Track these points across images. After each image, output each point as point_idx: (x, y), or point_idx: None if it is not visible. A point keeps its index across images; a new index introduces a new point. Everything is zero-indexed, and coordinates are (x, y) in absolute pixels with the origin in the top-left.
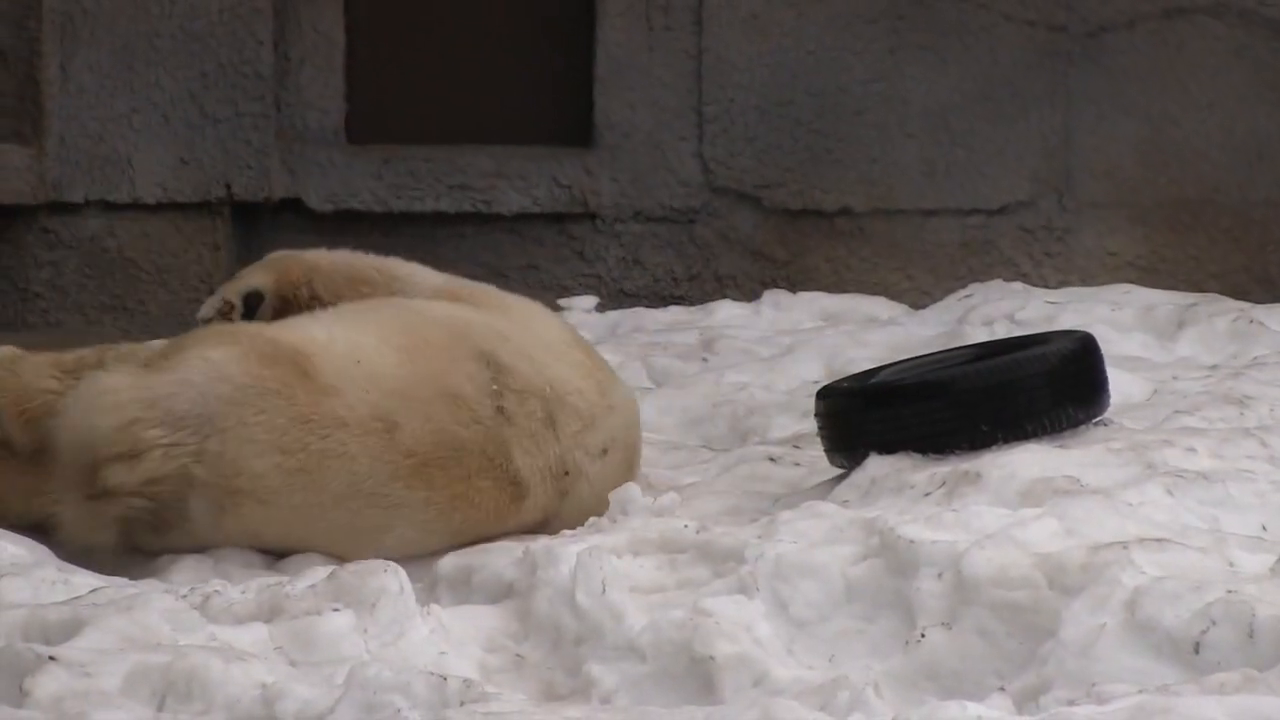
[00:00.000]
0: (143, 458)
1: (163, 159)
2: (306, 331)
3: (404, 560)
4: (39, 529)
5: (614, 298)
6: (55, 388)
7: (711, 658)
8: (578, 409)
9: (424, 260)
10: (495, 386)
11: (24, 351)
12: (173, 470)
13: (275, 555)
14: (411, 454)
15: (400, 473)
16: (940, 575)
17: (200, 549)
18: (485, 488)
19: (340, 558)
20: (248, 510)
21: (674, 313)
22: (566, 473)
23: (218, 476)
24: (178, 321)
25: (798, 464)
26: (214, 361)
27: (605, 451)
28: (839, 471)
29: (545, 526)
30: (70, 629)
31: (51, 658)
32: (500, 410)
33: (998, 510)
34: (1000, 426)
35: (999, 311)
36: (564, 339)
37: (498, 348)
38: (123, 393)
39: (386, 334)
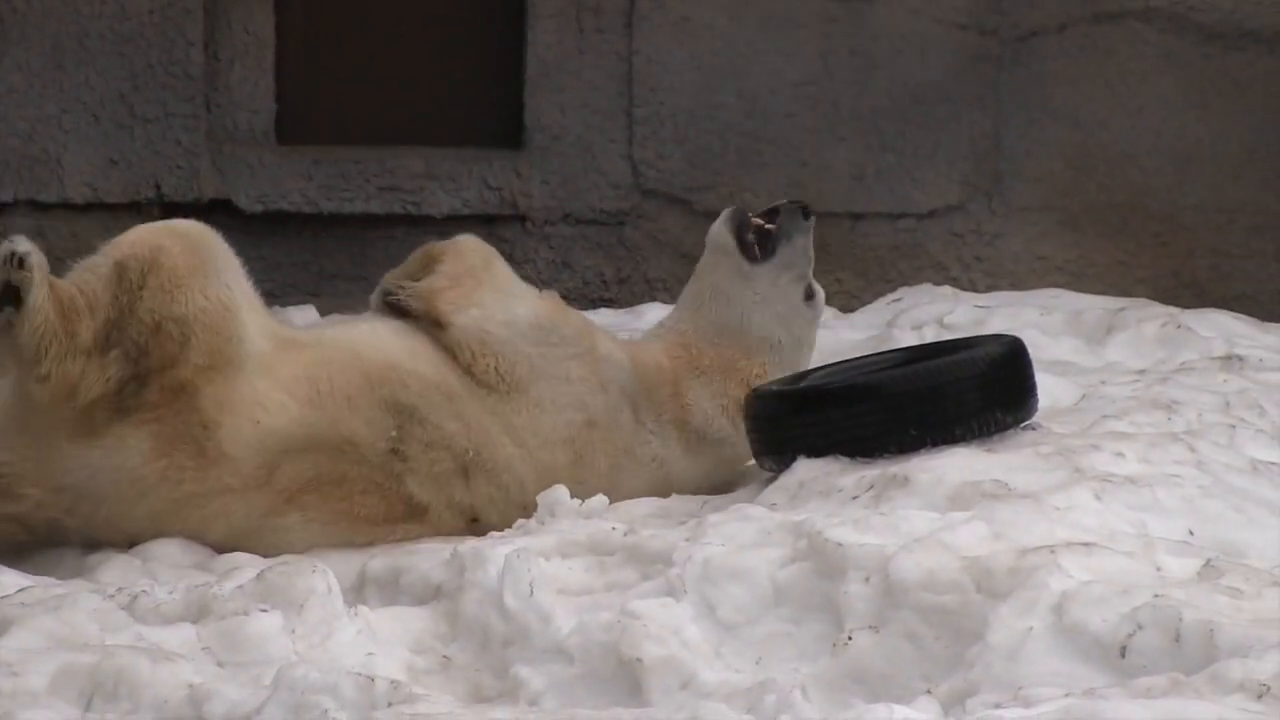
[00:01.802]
0: (12, 499)
1: (92, 159)
2: (229, 388)
3: (332, 561)
4: None
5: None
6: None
7: (639, 660)
8: (505, 486)
9: (354, 261)
10: (395, 433)
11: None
12: (42, 520)
13: (204, 555)
14: (285, 490)
15: (276, 507)
16: (868, 579)
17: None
18: (371, 503)
19: None
20: (123, 543)
21: (604, 315)
22: (476, 520)
23: (91, 530)
24: None
25: None
26: (121, 449)
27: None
28: (768, 474)
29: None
30: None
31: None
32: (394, 452)
33: (926, 514)
34: (929, 430)
35: (928, 315)
36: (563, 436)
37: (422, 403)
38: (24, 441)
39: (295, 383)
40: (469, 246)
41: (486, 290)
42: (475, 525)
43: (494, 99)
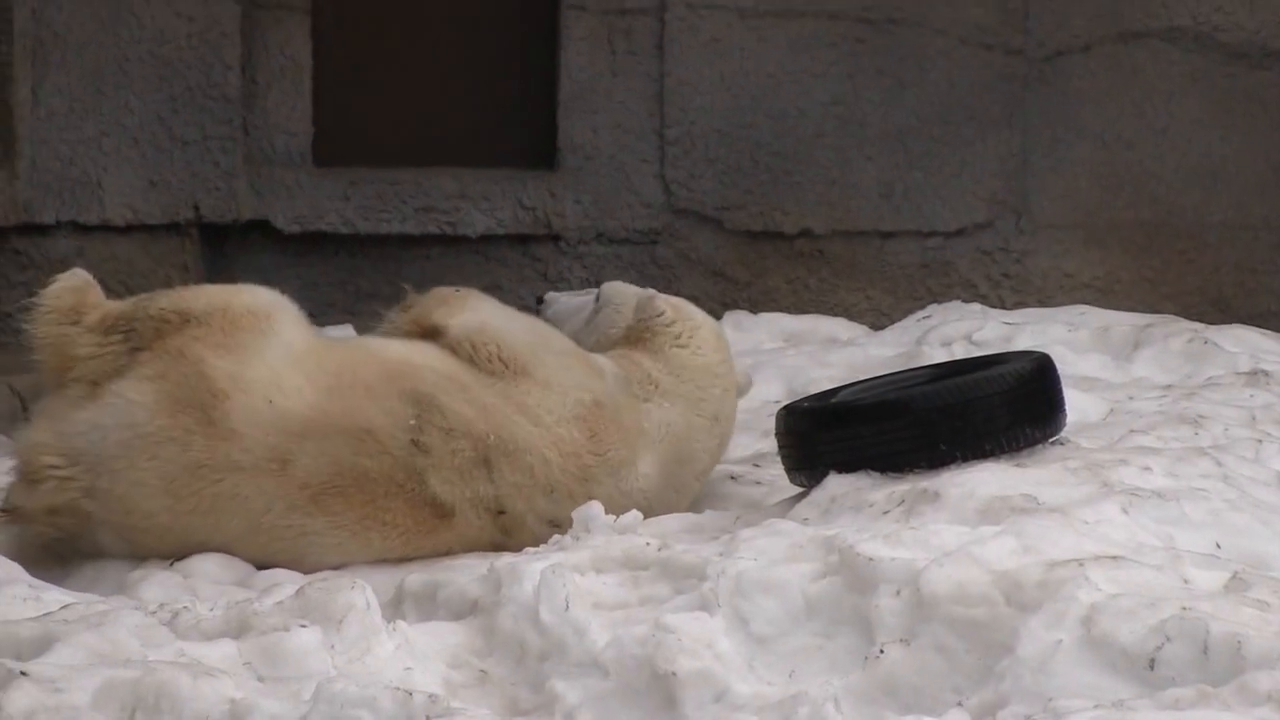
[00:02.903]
0: (40, 485)
1: (132, 181)
2: (244, 367)
3: (370, 577)
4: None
5: None
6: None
7: (673, 674)
8: (529, 467)
9: (390, 281)
10: (414, 422)
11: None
12: (65, 502)
13: (244, 571)
14: (306, 485)
15: (298, 504)
16: (899, 592)
17: (165, 564)
18: (396, 507)
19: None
20: (151, 544)
21: None
22: (503, 512)
23: (110, 513)
24: None
25: (758, 482)
26: (127, 404)
27: (554, 524)
28: (799, 490)
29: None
30: (41, 645)
31: (23, 673)
32: (415, 444)
33: (956, 528)
34: (959, 445)
35: (957, 332)
36: (574, 414)
37: (439, 392)
38: (44, 419)
39: (319, 373)
40: (445, 289)
41: (472, 300)
42: (502, 518)
43: (528, 120)
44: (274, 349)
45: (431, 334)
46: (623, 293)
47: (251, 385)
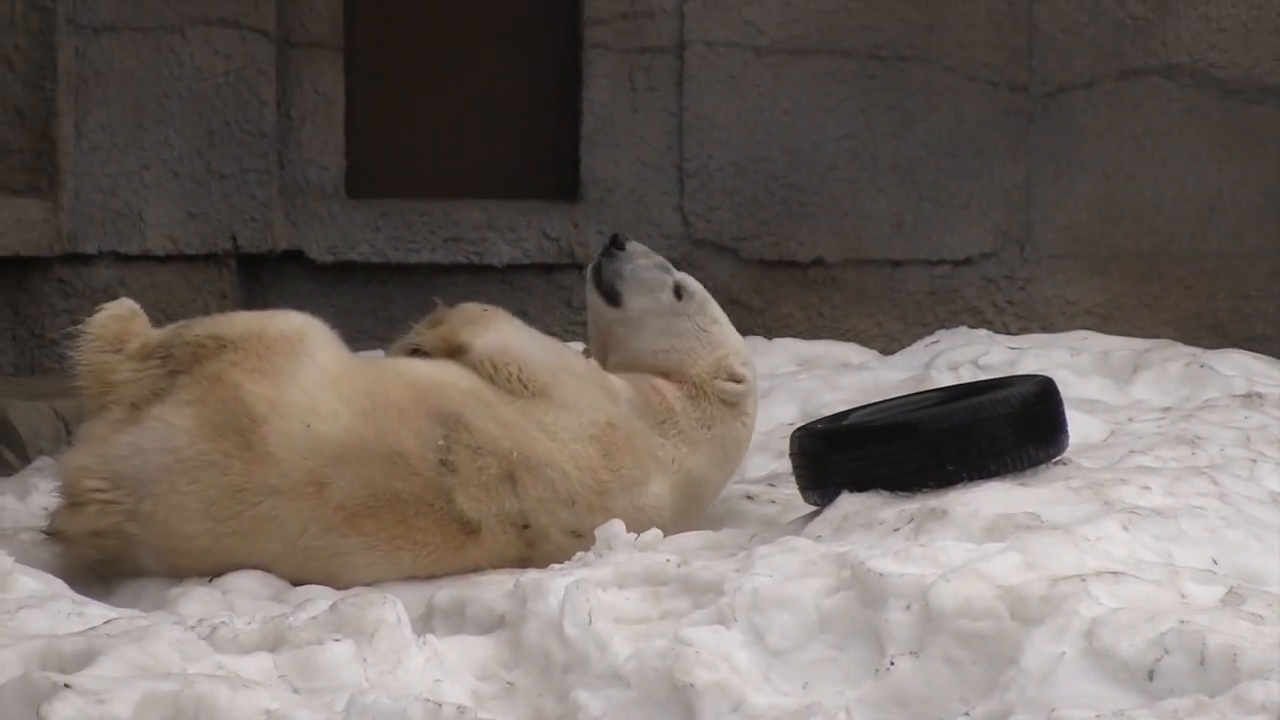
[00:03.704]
0: (83, 508)
1: (171, 213)
2: (280, 392)
3: (400, 593)
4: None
5: None
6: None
7: (692, 685)
8: (550, 482)
9: (419, 308)
10: (442, 442)
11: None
12: (108, 525)
13: (280, 587)
14: (341, 508)
15: (333, 525)
16: (908, 606)
17: (204, 580)
18: (426, 526)
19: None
20: (190, 565)
21: None
22: (527, 526)
23: (151, 536)
24: None
25: (773, 501)
26: (169, 428)
27: (576, 535)
28: (812, 508)
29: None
30: (85, 658)
31: (67, 685)
32: (444, 463)
33: (963, 545)
34: (965, 466)
35: (964, 357)
36: (589, 433)
37: (465, 410)
38: (86, 443)
39: (354, 396)
40: (474, 306)
41: (498, 321)
42: (527, 532)
43: (552, 154)
44: (308, 372)
45: (457, 351)
46: (709, 313)
47: (288, 410)
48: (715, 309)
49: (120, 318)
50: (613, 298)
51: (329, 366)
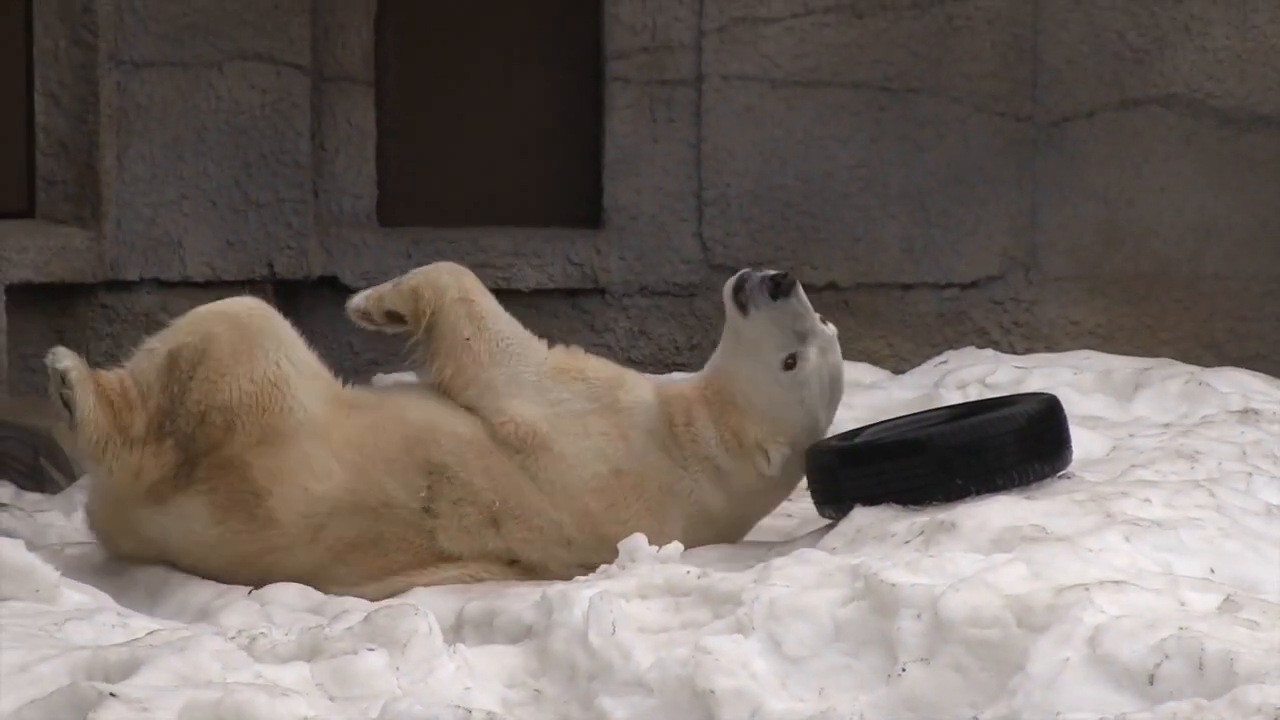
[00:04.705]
0: (118, 549)
1: (210, 241)
2: (278, 459)
3: (431, 603)
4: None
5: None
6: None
7: (712, 692)
8: (540, 528)
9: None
10: (424, 493)
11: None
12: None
13: (318, 599)
14: (331, 548)
15: (324, 563)
16: (919, 615)
17: (244, 592)
18: (404, 559)
19: None
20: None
21: (677, 378)
22: (515, 561)
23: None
24: None
25: (789, 515)
26: (184, 515)
27: (582, 568)
28: (827, 522)
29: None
30: (129, 668)
31: (112, 694)
32: (427, 510)
33: (971, 556)
34: (973, 480)
35: (972, 376)
36: (591, 487)
37: (453, 460)
38: (113, 512)
39: (344, 447)
40: (445, 273)
41: (486, 362)
42: (518, 566)
43: (576, 183)
44: (297, 423)
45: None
46: (804, 392)
47: (287, 475)
48: (816, 392)
49: (106, 406)
50: (744, 309)
51: (314, 410)
